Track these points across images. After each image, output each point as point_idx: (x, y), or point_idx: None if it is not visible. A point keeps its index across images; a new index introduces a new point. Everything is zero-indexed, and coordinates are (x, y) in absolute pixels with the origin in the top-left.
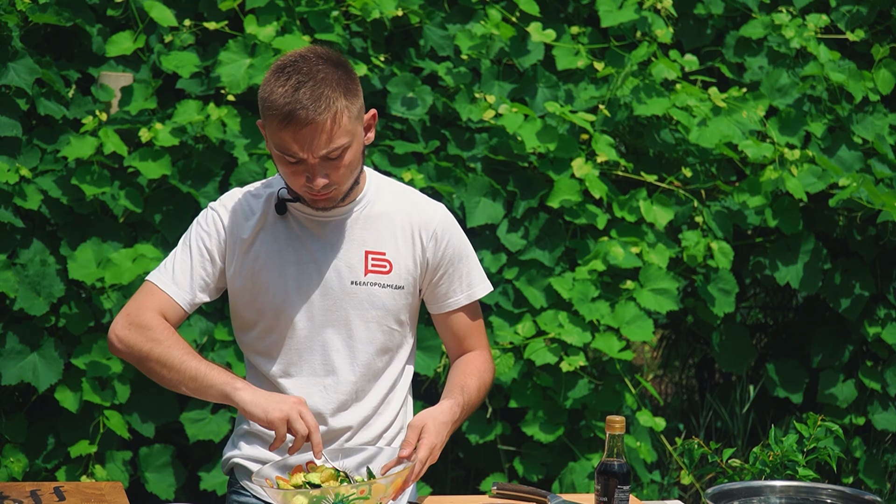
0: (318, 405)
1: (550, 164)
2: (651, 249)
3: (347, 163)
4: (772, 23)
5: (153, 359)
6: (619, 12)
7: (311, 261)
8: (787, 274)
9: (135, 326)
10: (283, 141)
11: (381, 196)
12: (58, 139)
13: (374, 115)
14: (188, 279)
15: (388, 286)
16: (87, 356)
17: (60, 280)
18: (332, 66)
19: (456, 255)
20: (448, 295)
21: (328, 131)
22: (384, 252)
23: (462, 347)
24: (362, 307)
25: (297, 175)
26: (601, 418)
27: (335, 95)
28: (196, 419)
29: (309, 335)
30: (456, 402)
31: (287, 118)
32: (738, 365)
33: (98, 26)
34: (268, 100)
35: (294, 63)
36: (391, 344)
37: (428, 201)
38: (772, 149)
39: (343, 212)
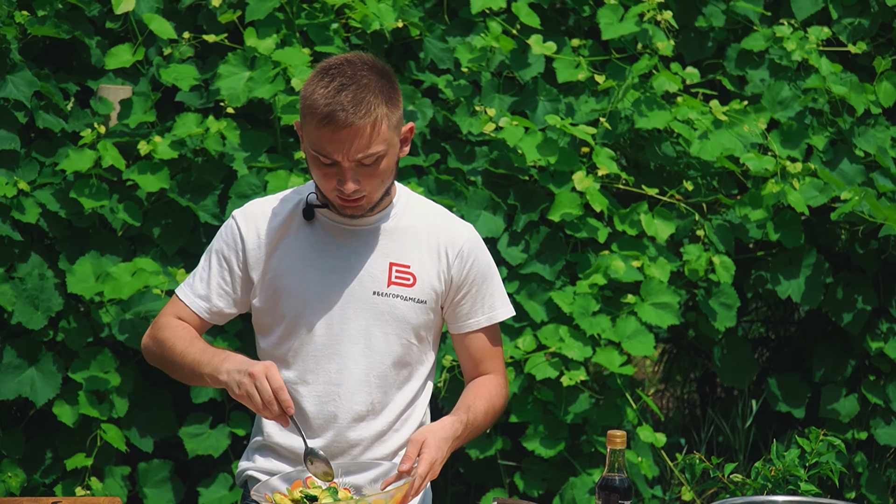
0: (333, 414)
1: (551, 178)
2: (652, 263)
3: (381, 171)
4: (773, 35)
5: (165, 358)
6: (620, 25)
7: (334, 268)
8: (788, 288)
9: (152, 332)
10: (320, 141)
11: (409, 210)
12: (56, 152)
13: (411, 128)
14: (205, 287)
15: (410, 299)
16: (86, 371)
17: (59, 294)
18: (376, 73)
19: (480, 275)
20: (469, 315)
21: (366, 137)
22: (409, 265)
23: (478, 370)
24: (382, 318)
25: (329, 178)
26: (602, 433)
27: (377, 102)
28: (195, 434)
29: (327, 343)
30: (459, 419)
31: (326, 118)
32: (740, 379)
33: (97, 39)
34: (309, 99)
35: (339, 66)
36: (410, 359)
37: (457, 220)
38: (773, 162)
39: (371, 222)
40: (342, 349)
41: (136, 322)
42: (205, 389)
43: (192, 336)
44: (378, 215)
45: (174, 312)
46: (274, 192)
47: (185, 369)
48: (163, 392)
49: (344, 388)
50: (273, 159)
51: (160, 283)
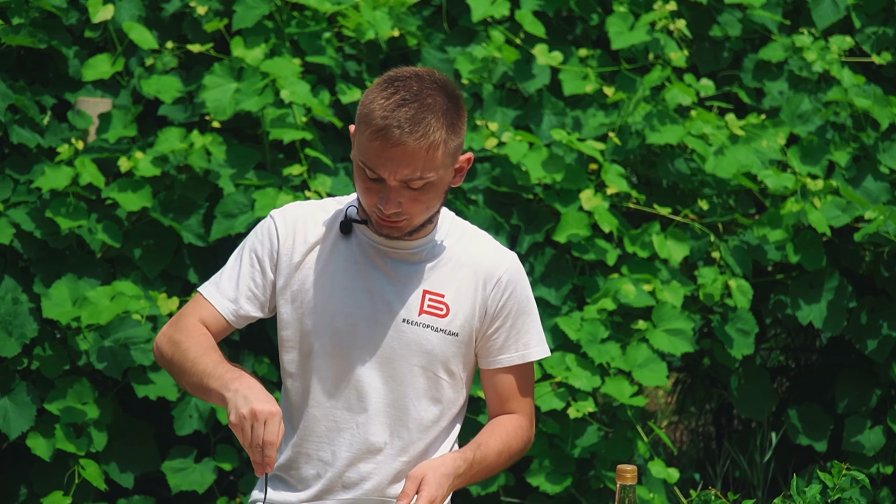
0: (349, 442)
1: (557, 196)
2: (665, 287)
3: (426, 198)
4: (792, 45)
5: (175, 363)
6: (631, 34)
7: (365, 289)
8: (809, 313)
9: (169, 332)
10: (369, 154)
11: (451, 237)
12: (31, 169)
13: (469, 158)
14: (234, 288)
15: (441, 330)
16: (62, 401)
17: (34, 319)
18: (444, 94)
19: (517, 309)
20: (501, 350)
21: (418, 160)
22: (443, 294)
23: (504, 409)
24: (409, 348)
25: (371, 193)
26: (611, 468)
27: (437, 125)
28: (179, 468)
29: (349, 367)
30: (463, 456)
31: (380, 132)
32: (758, 411)
33: (75, 49)
34: (367, 107)
35: (405, 79)
36: (437, 394)
37: (498, 248)
38: (793, 179)
39: (409, 246)
40: (364, 376)
41: (115, 350)
42: (188, 421)
43: (209, 345)
44: (418, 241)
45: (197, 313)
46: (263, 211)
47: (194, 378)
48: (144, 424)
49: (363, 417)
50: (261, 176)
51: (141, 308)
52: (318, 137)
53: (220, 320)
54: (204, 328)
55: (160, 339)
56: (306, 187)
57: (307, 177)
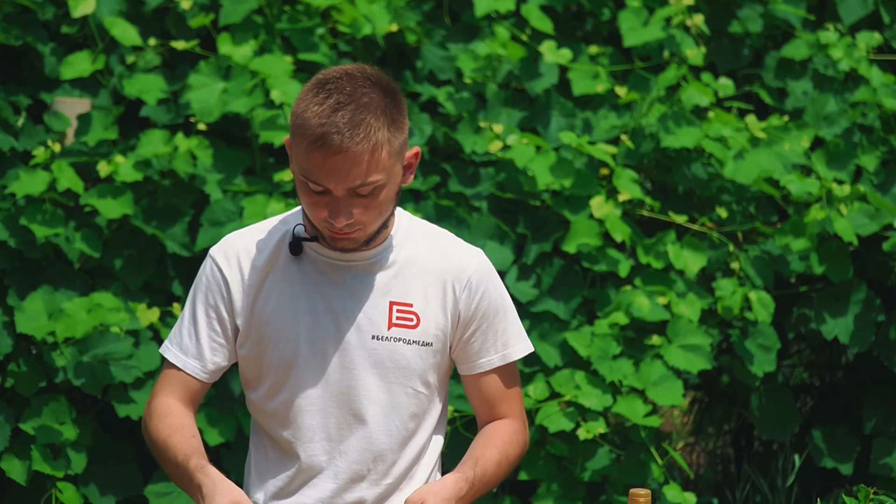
0: (332, 474)
1: (566, 203)
2: (680, 300)
3: (378, 203)
4: (817, 42)
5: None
6: (644, 30)
7: (326, 310)
8: (835, 327)
9: (147, 414)
10: (310, 166)
11: (410, 240)
12: (5, 174)
13: (416, 153)
14: (196, 345)
15: (415, 342)
16: (38, 420)
17: (7, 334)
18: (379, 90)
19: (492, 308)
20: (481, 354)
21: (363, 164)
22: (411, 304)
23: (493, 415)
24: (383, 366)
25: (319, 207)
26: (624, 492)
27: (377, 125)
28: (163, 493)
29: (322, 395)
30: (464, 476)
31: (318, 141)
32: (781, 431)
33: (51, 45)
34: (300, 116)
35: (337, 80)
36: (417, 409)
37: (463, 247)
38: (818, 185)
39: (366, 256)
40: (340, 403)
41: (94, 366)
42: None
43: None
44: (375, 249)
45: (170, 384)
46: (251, 219)
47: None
48: (125, 445)
49: (345, 446)
50: (250, 182)
51: (120, 321)
52: None
53: (192, 382)
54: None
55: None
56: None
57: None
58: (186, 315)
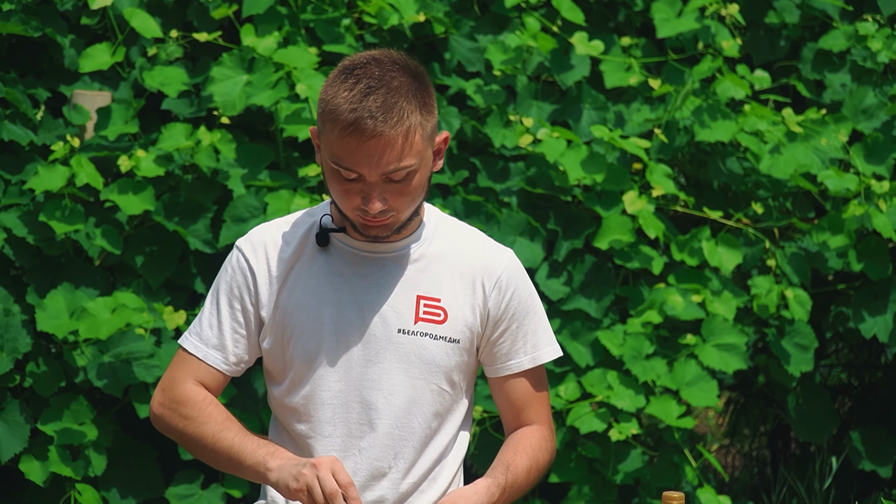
0: (352, 470)
1: (598, 199)
2: (715, 298)
3: (412, 188)
4: (856, 33)
5: (188, 438)
6: (678, 21)
7: (352, 302)
8: (874, 326)
9: (168, 402)
10: (342, 153)
11: (440, 235)
12: (24, 169)
13: (446, 138)
14: (219, 336)
15: (441, 338)
16: (57, 422)
17: (27, 333)
18: (408, 74)
19: (522, 309)
20: (509, 356)
21: (397, 148)
22: (439, 299)
23: (520, 419)
24: (408, 361)
25: (352, 195)
26: (657, 495)
27: (410, 108)
28: (184, 495)
29: (344, 389)
30: (496, 482)
31: (351, 126)
32: (818, 433)
33: (71, 37)
34: (330, 103)
35: (365, 65)
36: (441, 407)
37: (494, 245)
38: (856, 180)
39: (395, 248)
40: (362, 397)
41: (115, 366)
42: None
43: (223, 416)
44: (404, 241)
45: (190, 373)
46: (275, 214)
47: (219, 455)
48: (146, 447)
49: (365, 442)
50: (274, 177)
51: (143, 322)
52: None
53: (214, 374)
54: (206, 393)
55: (158, 409)
56: (324, 189)
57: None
58: (208, 306)
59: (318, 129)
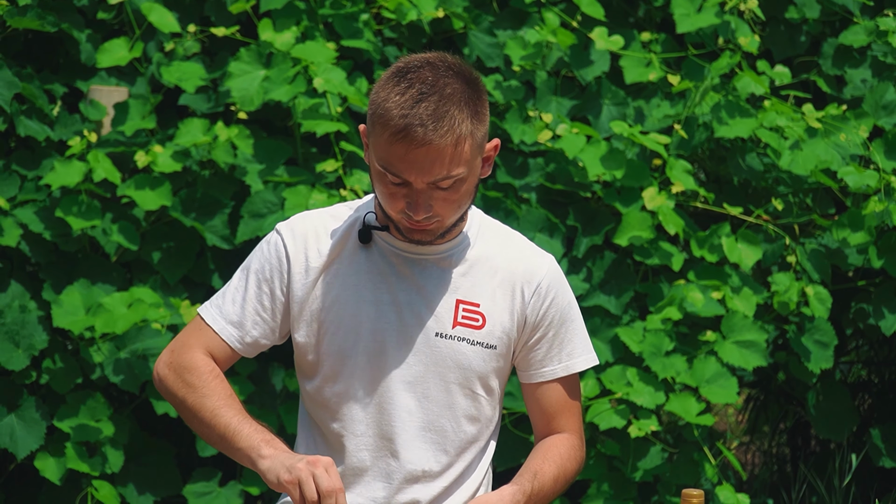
0: (385, 472)
1: (617, 195)
2: (735, 295)
3: (458, 196)
4: (877, 28)
5: (187, 407)
6: (698, 16)
7: (391, 302)
8: (894, 322)
9: (175, 366)
10: (390, 158)
11: (482, 238)
12: (40, 164)
13: (496, 146)
14: (239, 312)
15: (478, 343)
16: (74, 418)
17: (43, 329)
18: (462, 80)
19: (560, 317)
20: (543, 362)
21: (446, 158)
22: (478, 304)
23: (550, 427)
24: (444, 364)
25: (397, 199)
26: (676, 493)
27: (461, 117)
28: (202, 493)
29: (379, 390)
30: (521, 489)
31: (400, 133)
32: (838, 430)
33: (87, 32)
34: (381, 107)
35: (418, 69)
36: (476, 412)
37: (535, 250)
38: (876, 176)
39: (438, 251)
40: (396, 398)
41: (132, 362)
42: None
43: (226, 392)
44: (447, 245)
45: (202, 341)
46: (293, 210)
47: (214, 431)
48: (163, 444)
49: (397, 444)
50: (292, 172)
51: (160, 317)
52: (354, 130)
53: (225, 349)
54: (214, 365)
55: (163, 369)
56: (341, 185)
57: (342, 173)
58: (234, 282)
59: (368, 129)
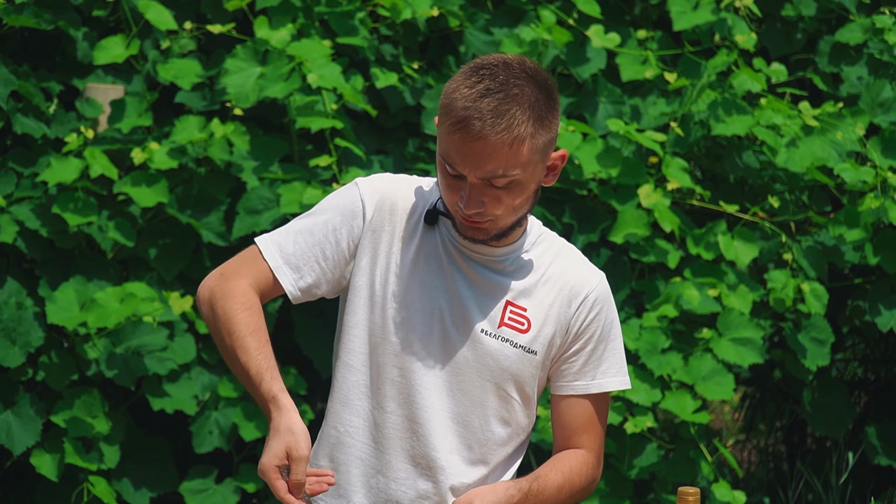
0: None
1: (613, 193)
2: (731, 292)
3: (512, 198)
4: (872, 26)
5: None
6: (694, 13)
7: (445, 288)
8: (890, 319)
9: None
10: (449, 148)
11: (538, 247)
12: (37, 161)
13: (563, 156)
14: (300, 256)
15: (521, 347)
16: (69, 412)
17: (39, 326)
18: (534, 85)
19: (601, 332)
20: (577, 376)
21: (501, 156)
22: (526, 308)
23: (569, 442)
24: (484, 361)
25: (453, 190)
26: (672, 490)
27: (523, 118)
28: (198, 490)
29: (414, 371)
30: (517, 485)
31: (460, 124)
32: (834, 428)
33: (84, 30)
34: (449, 96)
35: (492, 67)
36: (507, 415)
37: (588, 265)
38: (872, 173)
39: (495, 254)
40: (430, 383)
41: (127, 357)
42: (208, 438)
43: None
44: (505, 249)
45: (253, 275)
46: (288, 207)
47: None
48: (159, 440)
49: (425, 429)
50: (287, 169)
51: (154, 311)
52: (349, 126)
53: (275, 287)
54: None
55: (205, 292)
56: (336, 181)
57: (337, 169)
58: (300, 223)
59: (438, 118)
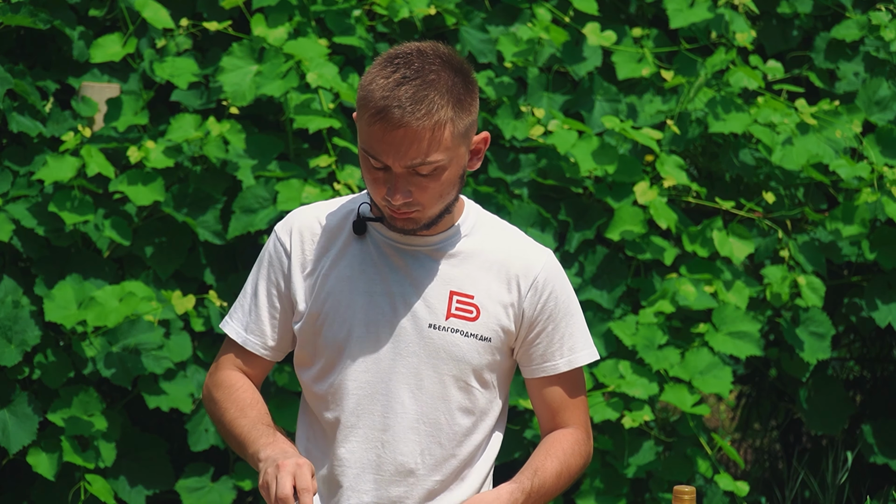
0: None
1: (609, 190)
2: (728, 289)
3: (438, 185)
4: (869, 23)
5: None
6: (691, 11)
7: (384, 293)
8: (888, 315)
9: (210, 384)
10: (370, 140)
11: (478, 231)
12: (33, 160)
13: (485, 139)
14: (256, 321)
15: (472, 335)
16: (66, 410)
17: (35, 324)
18: (449, 69)
19: (559, 311)
20: (545, 358)
21: (423, 142)
22: (472, 295)
23: (555, 421)
24: (437, 356)
25: (378, 184)
26: (668, 489)
27: (441, 102)
28: (194, 487)
29: (371, 381)
30: (520, 487)
31: (379, 114)
32: (830, 426)
33: (80, 29)
34: (365, 88)
35: (406, 55)
36: (471, 405)
37: (533, 245)
38: (868, 169)
39: (430, 242)
40: (389, 389)
41: (124, 356)
42: (204, 436)
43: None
44: (439, 236)
45: (232, 359)
46: (285, 205)
47: (232, 442)
48: (157, 439)
49: (389, 435)
50: (284, 167)
51: (152, 310)
52: (346, 125)
53: (255, 359)
54: (241, 378)
55: (204, 390)
56: (334, 179)
57: (335, 168)
58: (248, 291)
59: (356, 113)
